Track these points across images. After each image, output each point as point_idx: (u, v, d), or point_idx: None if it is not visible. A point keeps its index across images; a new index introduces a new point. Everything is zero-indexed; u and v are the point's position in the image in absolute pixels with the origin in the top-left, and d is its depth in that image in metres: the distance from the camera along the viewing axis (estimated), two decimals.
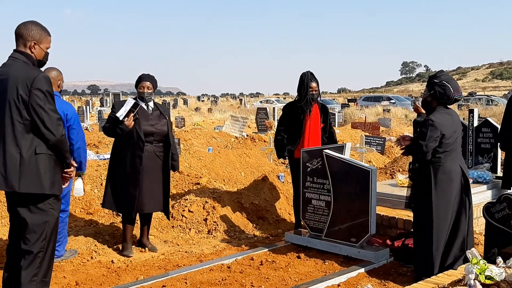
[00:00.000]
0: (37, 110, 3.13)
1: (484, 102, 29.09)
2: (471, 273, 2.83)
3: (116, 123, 4.68)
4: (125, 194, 4.84)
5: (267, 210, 6.34)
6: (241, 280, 4.21)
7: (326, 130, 5.64)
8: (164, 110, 5.13)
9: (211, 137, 13.12)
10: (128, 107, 4.65)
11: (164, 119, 5.00)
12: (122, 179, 4.84)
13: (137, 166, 4.76)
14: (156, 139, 4.90)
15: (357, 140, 12.07)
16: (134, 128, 4.72)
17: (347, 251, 4.75)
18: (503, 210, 3.83)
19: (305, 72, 5.59)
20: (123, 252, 4.98)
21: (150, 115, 4.91)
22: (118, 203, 4.91)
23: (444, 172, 4.01)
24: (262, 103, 37.65)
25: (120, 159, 4.85)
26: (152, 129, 4.86)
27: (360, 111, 26.38)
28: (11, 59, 3.27)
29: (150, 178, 4.89)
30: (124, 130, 4.66)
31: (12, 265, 3.32)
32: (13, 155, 3.14)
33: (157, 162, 4.93)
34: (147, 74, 5.02)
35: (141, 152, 4.75)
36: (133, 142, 4.74)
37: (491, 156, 6.79)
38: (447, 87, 3.98)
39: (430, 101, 4.10)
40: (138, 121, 4.75)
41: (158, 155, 4.93)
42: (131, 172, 4.78)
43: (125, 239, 5.02)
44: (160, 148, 4.95)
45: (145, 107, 4.89)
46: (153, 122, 4.89)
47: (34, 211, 3.24)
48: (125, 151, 4.80)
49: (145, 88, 4.92)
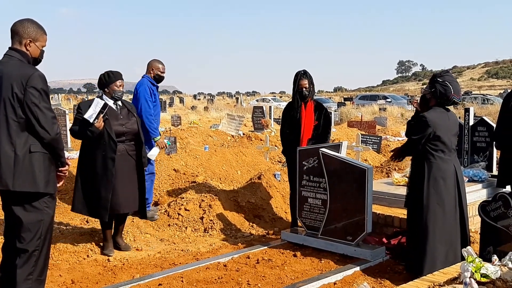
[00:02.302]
0: (32, 108, 3.12)
1: (480, 101, 29.17)
2: (466, 271, 2.83)
3: (85, 125, 4.52)
4: (97, 197, 4.68)
5: (263, 208, 6.34)
6: (238, 278, 4.21)
7: (319, 127, 5.58)
8: (131, 107, 5.03)
9: (207, 135, 13.12)
10: (98, 109, 4.48)
11: (133, 117, 4.90)
12: (93, 181, 4.68)
13: (110, 168, 4.63)
14: (128, 138, 4.81)
15: (353, 139, 12.09)
16: (104, 129, 4.59)
17: (343, 249, 4.75)
18: (498, 208, 3.85)
19: (299, 70, 5.61)
20: (104, 251, 4.90)
21: (119, 115, 4.80)
22: (90, 207, 4.74)
23: (438, 170, 4.04)
24: (258, 102, 37.65)
25: (90, 160, 4.69)
26: (123, 129, 4.76)
27: (356, 109, 26.42)
28: (6, 56, 3.26)
29: (124, 178, 4.77)
30: (95, 132, 4.52)
31: (8, 263, 3.32)
32: (8, 153, 3.12)
33: (130, 161, 4.84)
34: (116, 71, 4.90)
35: (114, 154, 4.63)
36: (104, 143, 4.61)
37: (487, 154, 6.82)
38: (449, 87, 4.03)
39: (429, 99, 4.14)
40: (108, 121, 4.62)
41: (131, 154, 4.84)
42: (102, 174, 4.63)
43: (105, 238, 4.95)
44: (132, 147, 4.86)
45: (113, 107, 4.77)
46: (123, 122, 4.79)
47: (29, 210, 3.22)
48: (96, 152, 4.64)
49: (120, 86, 4.83)
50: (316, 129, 5.52)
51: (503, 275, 2.93)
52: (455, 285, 2.92)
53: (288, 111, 5.72)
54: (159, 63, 6.08)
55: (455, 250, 4.07)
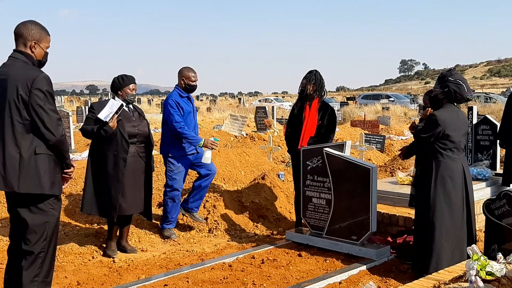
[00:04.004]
0: (37, 110, 3.13)
1: (483, 100, 29.09)
2: (472, 269, 2.83)
3: (98, 124, 4.59)
4: (107, 197, 4.71)
5: (267, 208, 6.35)
6: (243, 278, 4.21)
7: (322, 127, 5.55)
8: (141, 111, 5.15)
9: (210, 136, 13.11)
10: (114, 109, 4.58)
11: (144, 120, 5.02)
12: (103, 181, 4.72)
13: (121, 168, 4.68)
14: (139, 140, 4.88)
15: (356, 138, 12.08)
16: (117, 130, 4.66)
17: (348, 249, 4.76)
18: (503, 206, 3.85)
19: (310, 70, 5.65)
20: (107, 251, 4.92)
21: (131, 117, 4.89)
22: (100, 207, 4.77)
23: (446, 169, 4.03)
24: (261, 102, 37.64)
25: (101, 160, 4.72)
26: (136, 131, 4.84)
27: (359, 109, 26.38)
28: (11, 59, 3.27)
29: (133, 180, 4.81)
30: (108, 132, 4.58)
31: (13, 265, 3.32)
32: (13, 155, 3.13)
33: (140, 163, 4.90)
34: (130, 75, 4.98)
35: (126, 154, 4.69)
36: (117, 143, 4.67)
37: (490, 153, 6.82)
38: (462, 86, 4.05)
39: (441, 99, 4.15)
40: (121, 122, 4.69)
41: (141, 156, 4.91)
42: (114, 174, 4.68)
43: (110, 237, 4.97)
44: (142, 149, 4.93)
45: (126, 109, 4.85)
46: (136, 124, 4.87)
47: (35, 212, 3.23)
48: (107, 153, 4.68)
49: (133, 90, 4.94)
50: (319, 129, 5.51)
51: (508, 272, 2.93)
52: (461, 283, 2.92)
53: (292, 110, 5.76)
54: (190, 71, 5.65)
55: (461, 249, 4.06)
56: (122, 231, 5.11)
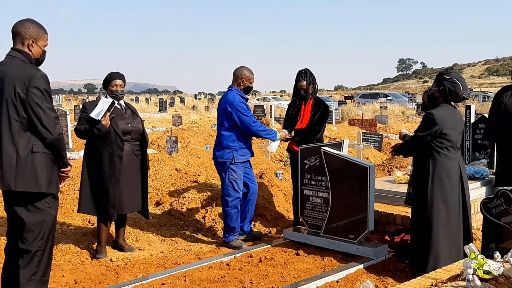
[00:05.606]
0: (34, 108, 3.12)
1: (481, 99, 29.17)
2: (469, 268, 2.84)
3: (91, 123, 4.54)
4: (105, 196, 4.66)
5: (265, 207, 6.35)
6: (240, 277, 4.21)
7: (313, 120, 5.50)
8: (133, 108, 5.08)
9: (208, 135, 13.10)
10: (105, 107, 4.53)
11: (137, 117, 4.96)
12: (100, 180, 4.67)
13: (117, 166, 4.64)
14: (133, 137, 4.83)
15: (354, 137, 12.09)
16: (111, 128, 4.61)
17: (345, 247, 4.76)
18: (500, 205, 3.85)
19: (300, 69, 5.63)
20: (98, 255, 4.79)
21: (124, 114, 4.84)
22: (98, 206, 4.71)
23: (443, 168, 4.05)
24: (259, 101, 37.61)
25: (96, 159, 4.68)
26: (129, 128, 4.79)
27: (357, 108, 26.41)
28: (8, 57, 3.26)
29: (129, 178, 4.77)
30: (101, 130, 4.54)
31: (11, 264, 3.32)
32: (10, 154, 3.12)
33: (135, 161, 4.86)
34: (116, 72, 4.93)
35: (121, 152, 4.66)
36: (111, 141, 4.63)
37: (488, 152, 6.81)
38: (458, 84, 4.05)
39: (437, 97, 4.16)
40: (114, 120, 4.65)
41: (136, 154, 4.87)
42: (110, 173, 4.63)
43: (100, 242, 4.83)
44: (137, 146, 4.89)
45: (118, 106, 4.80)
46: (129, 121, 4.83)
47: (31, 210, 3.22)
48: (102, 152, 4.64)
49: (118, 86, 4.85)
50: (310, 122, 5.55)
51: (506, 271, 2.93)
52: (458, 282, 2.93)
53: (288, 109, 5.78)
54: (250, 72, 5.37)
55: (458, 247, 4.07)
56: (118, 230, 5.09)
